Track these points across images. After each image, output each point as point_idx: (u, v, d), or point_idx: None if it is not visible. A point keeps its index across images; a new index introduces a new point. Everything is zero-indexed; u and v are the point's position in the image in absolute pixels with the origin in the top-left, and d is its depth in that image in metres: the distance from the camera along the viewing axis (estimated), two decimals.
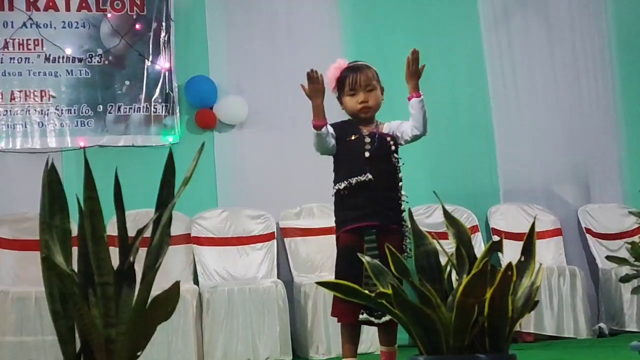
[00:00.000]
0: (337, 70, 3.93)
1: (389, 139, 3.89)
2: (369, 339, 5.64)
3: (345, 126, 3.93)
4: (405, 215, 3.80)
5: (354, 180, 3.78)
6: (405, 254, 3.71)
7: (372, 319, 3.68)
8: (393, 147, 3.88)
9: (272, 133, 6.71)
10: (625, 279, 5.47)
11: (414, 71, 3.84)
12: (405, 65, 3.86)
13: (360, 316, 3.69)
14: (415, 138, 3.92)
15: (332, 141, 3.85)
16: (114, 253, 2.20)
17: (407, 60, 3.84)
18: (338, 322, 3.88)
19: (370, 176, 3.76)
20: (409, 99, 3.89)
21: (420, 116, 3.87)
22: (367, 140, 3.84)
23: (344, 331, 3.82)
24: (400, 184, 3.87)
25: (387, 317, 3.61)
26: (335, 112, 4.04)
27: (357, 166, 3.80)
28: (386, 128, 3.94)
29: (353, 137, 3.85)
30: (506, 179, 7.21)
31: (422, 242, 2.45)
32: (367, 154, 3.81)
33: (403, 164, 3.90)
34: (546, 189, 7.33)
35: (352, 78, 3.87)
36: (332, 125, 3.89)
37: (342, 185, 3.80)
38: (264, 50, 6.81)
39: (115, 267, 2.20)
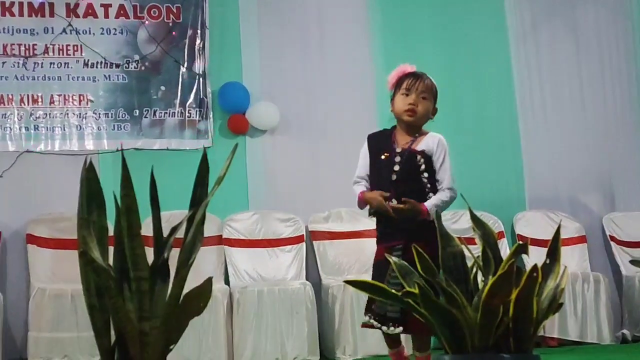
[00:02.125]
0: (400, 71, 3.91)
1: (419, 157, 3.78)
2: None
3: (381, 139, 3.87)
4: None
5: None
6: None
7: (380, 325, 3.65)
8: (423, 166, 3.77)
9: (302, 138, 6.78)
10: None
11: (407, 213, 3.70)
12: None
13: (367, 320, 3.69)
14: None
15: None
16: (149, 253, 2.22)
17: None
18: None
19: (395, 201, 3.71)
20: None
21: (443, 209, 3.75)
22: (397, 159, 3.77)
23: (384, 337, 3.82)
24: None
25: (397, 330, 3.61)
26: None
27: (383, 189, 3.76)
28: (424, 144, 3.81)
29: (384, 156, 3.80)
30: (532, 187, 7.25)
31: (449, 243, 2.48)
32: (394, 177, 3.75)
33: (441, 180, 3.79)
34: (571, 196, 7.36)
35: (411, 81, 3.84)
36: (369, 137, 3.89)
37: (373, 210, 3.80)
38: (296, 58, 6.90)
39: (149, 264, 2.23)
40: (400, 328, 3.62)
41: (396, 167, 3.76)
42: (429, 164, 3.78)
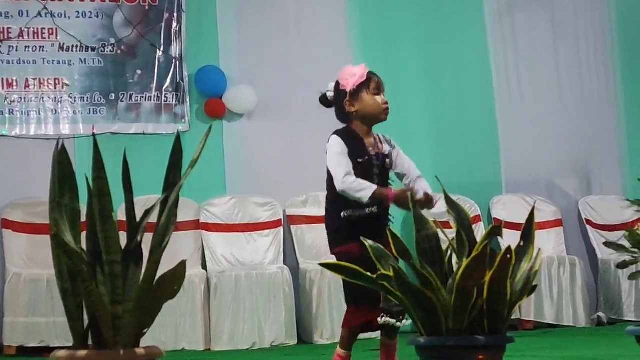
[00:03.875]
0: (365, 69, 3.80)
1: (388, 161, 3.77)
2: None
3: (351, 141, 3.74)
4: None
5: (363, 213, 3.65)
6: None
7: (395, 322, 3.56)
8: (389, 167, 3.79)
9: (280, 122, 6.77)
10: (622, 265, 5.61)
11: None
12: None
13: (380, 319, 3.59)
14: None
15: None
16: (124, 238, 2.22)
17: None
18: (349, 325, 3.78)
19: (376, 208, 3.65)
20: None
21: None
22: (375, 162, 3.72)
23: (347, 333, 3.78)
24: None
25: (407, 322, 3.54)
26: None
27: None
28: (384, 146, 3.78)
29: (362, 160, 3.71)
30: (509, 171, 7.28)
31: (424, 226, 2.45)
32: (376, 181, 3.67)
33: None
34: (548, 180, 7.41)
35: (377, 79, 3.78)
36: (341, 137, 3.73)
37: (350, 213, 3.66)
38: (274, 42, 6.87)
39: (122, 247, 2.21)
40: (409, 320, 3.49)
41: (376, 170, 3.73)
42: (390, 164, 3.81)
